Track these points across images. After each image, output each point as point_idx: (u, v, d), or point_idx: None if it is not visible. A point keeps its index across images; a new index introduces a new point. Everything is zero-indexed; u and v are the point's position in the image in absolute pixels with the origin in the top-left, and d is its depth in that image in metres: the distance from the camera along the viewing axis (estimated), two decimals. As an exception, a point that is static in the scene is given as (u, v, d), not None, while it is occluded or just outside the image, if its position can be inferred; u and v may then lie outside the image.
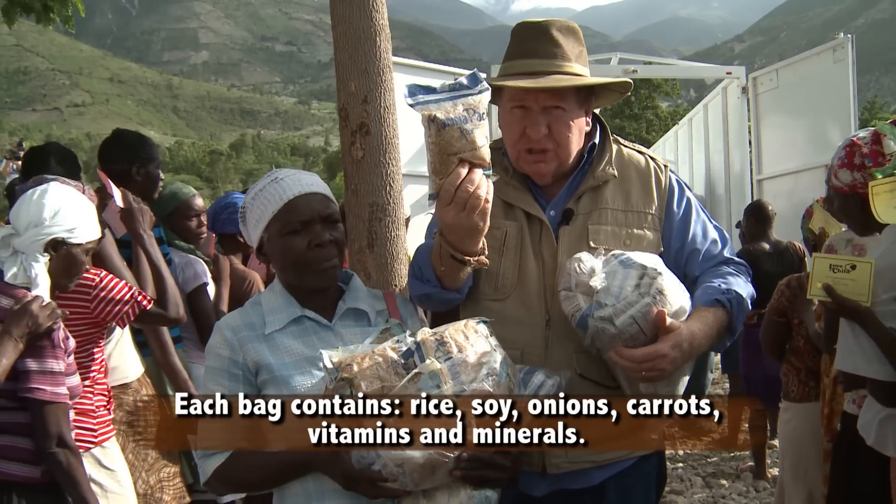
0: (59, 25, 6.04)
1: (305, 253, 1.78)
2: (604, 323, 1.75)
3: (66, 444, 2.23)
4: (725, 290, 1.91)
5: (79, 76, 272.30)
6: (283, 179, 1.85)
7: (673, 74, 22.34)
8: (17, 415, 2.25)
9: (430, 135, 1.64)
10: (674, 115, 41.25)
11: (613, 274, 1.79)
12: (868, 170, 2.39)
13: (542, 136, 1.91)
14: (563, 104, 1.91)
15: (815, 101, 7.53)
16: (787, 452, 3.82)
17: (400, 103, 2.64)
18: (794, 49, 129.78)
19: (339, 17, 2.54)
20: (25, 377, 2.20)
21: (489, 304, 1.97)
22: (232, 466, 1.71)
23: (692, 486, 5.44)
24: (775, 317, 3.66)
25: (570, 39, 1.97)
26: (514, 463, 1.71)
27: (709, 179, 10.33)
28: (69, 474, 2.25)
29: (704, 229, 2.06)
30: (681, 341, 1.74)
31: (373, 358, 1.60)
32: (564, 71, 1.92)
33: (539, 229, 1.99)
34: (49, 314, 2.22)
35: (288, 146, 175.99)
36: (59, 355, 2.26)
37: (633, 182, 2.03)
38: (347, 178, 2.56)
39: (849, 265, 2.24)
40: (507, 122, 1.98)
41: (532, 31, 1.98)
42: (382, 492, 1.58)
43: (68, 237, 2.39)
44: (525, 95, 1.92)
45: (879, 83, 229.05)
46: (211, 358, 1.80)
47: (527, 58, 1.94)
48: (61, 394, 2.24)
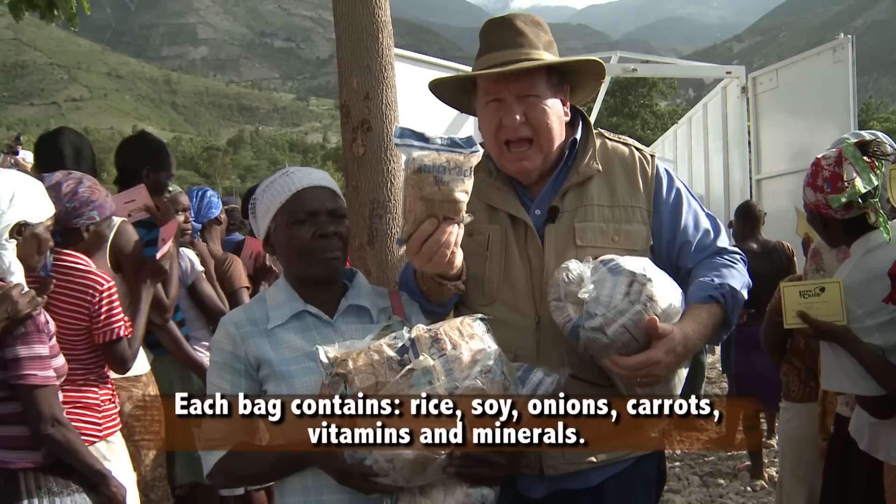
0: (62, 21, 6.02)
1: (309, 242, 1.82)
2: (595, 333, 1.74)
3: (60, 422, 2.28)
4: (719, 284, 1.88)
5: (77, 71, 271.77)
6: (294, 173, 1.90)
7: (673, 74, 22.29)
8: (12, 405, 2.28)
9: (407, 174, 1.66)
10: (672, 114, 41.27)
11: (602, 282, 1.76)
12: (827, 194, 2.38)
13: (518, 123, 1.90)
14: (535, 91, 1.91)
15: (814, 102, 7.52)
16: (787, 452, 3.82)
17: (402, 100, 2.64)
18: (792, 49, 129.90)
19: (341, 13, 2.53)
20: (15, 364, 2.23)
21: (479, 310, 1.95)
22: (232, 461, 1.75)
23: (689, 484, 5.44)
24: (776, 316, 3.65)
25: (536, 29, 1.97)
26: (511, 462, 1.70)
27: (708, 179, 10.33)
28: (70, 449, 2.31)
29: (696, 219, 2.02)
30: (674, 346, 1.73)
31: (368, 354, 1.61)
32: (532, 58, 1.91)
33: (524, 231, 1.98)
34: (29, 301, 2.24)
35: (286, 142, 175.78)
36: (43, 339, 2.29)
37: (619, 175, 2.01)
38: (348, 175, 2.55)
39: (817, 288, 2.29)
40: (484, 117, 1.97)
41: (497, 25, 1.98)
42: (375, 487, 1.60)
43: (29, 219, 2.37)
44: (497, 87, 1.92)
45: (878, 84, 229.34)
46: (214, 353, 1.84)
47: (494, 51, 1.94)
48: (50, 377, 2.29)
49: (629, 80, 38.06)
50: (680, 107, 45.13)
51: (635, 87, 43.29)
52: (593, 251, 1.91)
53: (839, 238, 2.52)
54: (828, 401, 3.22)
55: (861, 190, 2.31)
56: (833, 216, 2.43)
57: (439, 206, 1.65)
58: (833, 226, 2.48)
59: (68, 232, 2.74)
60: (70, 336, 2.60)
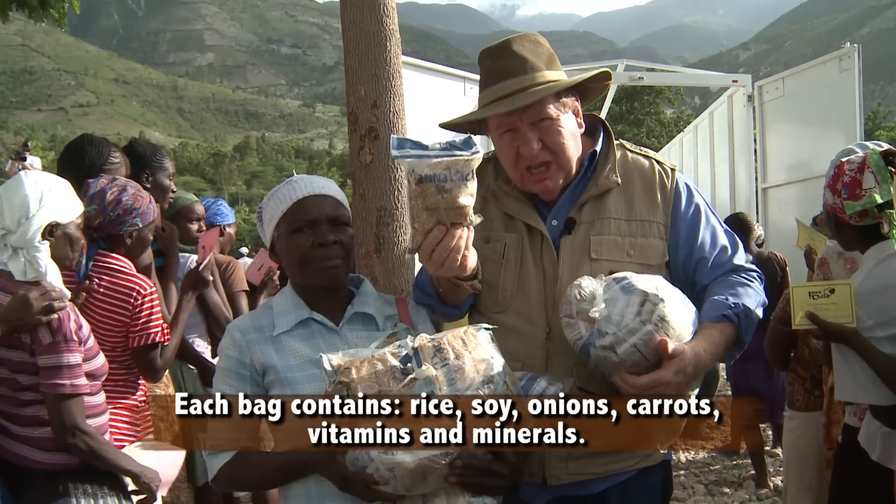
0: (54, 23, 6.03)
1: (308, 251, 1.83)
2: (605, 352, 1.73)
3: (82, 430, 2.31)
4: (733, 303, 1.86)
5: (84, 76, 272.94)
6: (297, 182, 1.91)
7: (679, 82, 22.30)
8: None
9: (409, 187, 1.66)
10: (677, 121, 41.23)
11: (614, 301, 1.75)
12: (844, 200, 2.37)
13: (536, 151, 1.89)
14: (547, 115, 1.89)
15: (820, 111, 7.51)
16: (792, 461, 3.81)
17: (409, 107, 2.65)
18: (798, 57, 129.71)
19: (349, 20, 2.54)
20: (46, 373, 2.28)
21: (491, 317, 1.97)
22: (236, 465, 1.77)
23: (694, 493, 5.43)
24: (780, 326, 3.64)
25: (535, 48, 1.94)
26: (513, 471, 1.69)
27: (714, 187, 10.32)
28: (97, 454, 2.34)
29: (714, 236, 2.00)
30: (685, 366, 1.71)
31: (372, 362, 1.61)
32: (538, 82, 1.89)
33: (540, 241, 1.98)
34: (45, 306, 2.24)
35: (292, 149, 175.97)
36: (73, 348, 2.31)
37: (637, 189, 1.99)
38: (355, 183, 2.56)
39: (827, 290, 2.25)
40: (501, 147, 1.97)
41: (496, 54, 1.95)
42: (376, 495, 1.60)
43: (60, 219, 2.40)
44: (510, 119, 1.90)
45: (884, 92, 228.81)
46: (221, 358, 1.86)
47: (498, 81, 1.91)
48: (80, 385, 2.32)
49: (635, 88, 38.02)
50: (685, 115, 45.02)
51: (641, 95, 43.25)
52: (608, 265, 1.90)
53: (851, 243, 2.52)
54: (832, 411, 3.20)
55: (878, 201, 2.30)
56: (847, 221, 2.42)
57: (445, 214, 1.65)
58: (846, 231, 2.47)
59: (112, 238, 2.77)
60: (111, 337, 2.65)
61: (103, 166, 3.09)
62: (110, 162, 3.12)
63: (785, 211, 7.66)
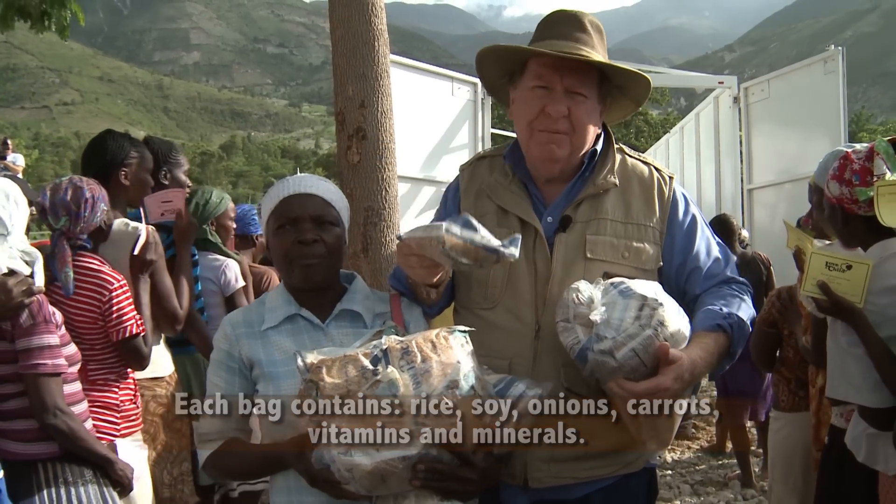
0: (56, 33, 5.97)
1: (289, 248, 1.86)
2: (604, 356, 1.71)
3: (62, 411, 2.35)
4: (727, 314, 1.86)
5: (69, 74, 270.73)
6: (287, 181, 1.94)
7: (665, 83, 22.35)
8: (27, 399, 2.36)
9: (428, 235, 1.69)
10: (664, 122, 41.40)
11: (613, 305, 1.73)
12: (854, 187, 2.35)
13: (561, 115, 1.88)
14: (585, 90, 1.90)
15: (805, 112, 7.58)
16: (777, 462, 3.82)
17: (397, 108, 2.65)
18: (783, 59, 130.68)
19: (337, 20, 2.54)
20: (27, 354, 2.31)
21: (480, 313, 1.97)
22: (222, 455, 1.85)
23: (681, 493, 5.45)
24: (765, 327, 3.66)
25: (600, 36, 1.97)
26: (484, 476, 1.67)
27: (699, 188, 10.37)
28: (73, 436, 2.39)
29: (708, 247, 2.01)
30: (682, 372, 1.70)
31: (343, 362, 1.62)
32: (595, 59, 1.90)
33: (533, 237, 1.96)
34: (24, 290, 2.30)
35: (278, 148, 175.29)
36: (52, 329, 2.37)
37: (635, 193, 1.99)
38: (343, 182, 2.56)
39: (845, 264, 2.21)
40: (526, 99, 1.95)
41: (566, 17, 1.96)
42: (343, 493, 1.62)
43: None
44: (552, 76, 1.89)
45: (867, 95, 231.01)
46: (214, 351, 1.91)
47: (559, 39, 1.91)
48: (61, 364, 2.37)
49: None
50: (671, 116, 45.21)
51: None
52: (602, 265, 1.90)
53: (858, 236, 2.44)
54: (822, 412, 3.21)
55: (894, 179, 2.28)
56: (856, 212, 2.37)
57: (434, 257, 1.70)
58: (854, 222, 2.41)
59: (93, 234, 2.78)
60: (87, 335, 2.66)
61: (124, 161, 3.13)
62: (131, 157, 3.15)
63: (771, 212, 7.70)
